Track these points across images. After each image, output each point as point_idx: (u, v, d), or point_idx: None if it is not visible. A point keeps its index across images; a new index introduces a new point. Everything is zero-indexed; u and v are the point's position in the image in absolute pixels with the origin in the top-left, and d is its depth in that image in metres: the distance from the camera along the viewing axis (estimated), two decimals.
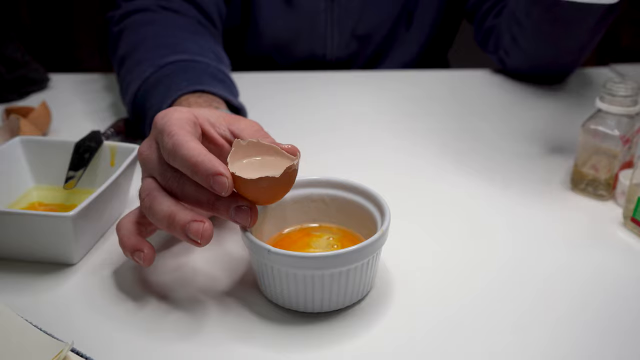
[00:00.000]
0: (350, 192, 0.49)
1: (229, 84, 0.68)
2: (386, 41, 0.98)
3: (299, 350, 0.41)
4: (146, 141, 0.47)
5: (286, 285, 0.43)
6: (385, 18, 0.96)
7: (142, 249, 0.44)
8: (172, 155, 0.42)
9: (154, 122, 0.46)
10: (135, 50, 0.72)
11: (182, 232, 0.41)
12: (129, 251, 0.44)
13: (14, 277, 0.48)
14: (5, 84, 0.82)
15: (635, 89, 0.56)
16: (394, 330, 0.43)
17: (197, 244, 0.41)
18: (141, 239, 0.45)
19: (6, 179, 0.55)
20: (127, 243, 0.45)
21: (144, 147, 0.47)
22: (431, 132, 0.75)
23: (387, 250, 0.48)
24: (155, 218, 0.43)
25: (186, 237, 0.41)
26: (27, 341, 0.40)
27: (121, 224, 0.46)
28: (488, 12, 0.93)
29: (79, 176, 0.54)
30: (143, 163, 0.46)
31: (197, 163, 0.41)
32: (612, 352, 0.41)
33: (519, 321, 0.44)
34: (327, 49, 0.96)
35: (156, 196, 0.43)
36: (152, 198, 0.43)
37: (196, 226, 0.41)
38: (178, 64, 0.67)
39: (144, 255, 0.44)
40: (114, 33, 0.78)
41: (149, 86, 0.66)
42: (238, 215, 0.42)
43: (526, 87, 0.90)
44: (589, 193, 0.60)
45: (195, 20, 0.80)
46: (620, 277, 0.49)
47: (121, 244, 0.45)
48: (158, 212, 0.42)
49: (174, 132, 0.43)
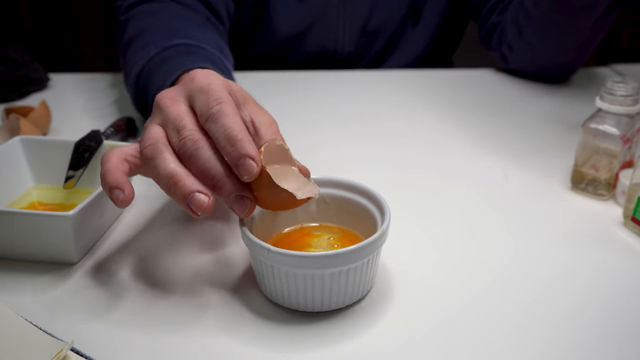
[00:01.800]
0: (351, 191, 0.49)
1: (229, 76, 0.68)
2: (394, 37, 0.99)
3: (299, 349, 0.41)
4: (173, 90, 0.45)
5: (286, 284, 0.43)
6: (395, 14, 0.96)
7: (123, 189, 0.42)
8: (213, 119, 0.41)
9: (191, 77, 0.45)
10: (141, 34, 0.72)
11: (183, 198, 0.40)
12: (108, 187, 0.43)
13: (14, 277, 0.48)
14: (5, 84, 0.82)
15: (635, 88, 0.56)
16: (394, 330, 0.43)
17: (194, 214, 0.40)
18: (125, 178, 0.43)
19: (6, 179, 0.55)
20: (110, 178, 0.43)
21: (169, 94, 0.45)
22: (432, 131, 0.75)
23: (387, 250, 0.48)
24: (156, 173, 0.41)
25: (185, 204, 0.40)
26: (27, 341, 0.40)
27: (108, 157, 0.44)
28: (493, 8, 0.94)
29: (79, 176, 0.54)
30: (161, 109, 0.44)
31: (238, 138, 0.40)
32: (612, 352, 0.41)
33: (519, 321, 0.44)
34: (338, 44, 0.97)
35: (162, 150, 0.42)
36: (157, 150, 0.42)
37: (202, 198, 0.40)
38: (183, 47, 0.66)
39: (123, 196, 0.42)
40: (121, 21, 0.78)
41: (153, 66, 0.65)
42: (237, 202, 0.41)
43: (526, 87, 0.90)
44: (589, 193, 0.60)
45: (203, 16, 0.80)
46: (621, 277, 0.49)
47: (103, 178, 0.43)
48: (161, 168, 0.41)
49: (221, 99, 0.42)
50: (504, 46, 0.92)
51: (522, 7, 0.86)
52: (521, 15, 0.87)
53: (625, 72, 0.96)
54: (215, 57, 0.67)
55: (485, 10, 0.95)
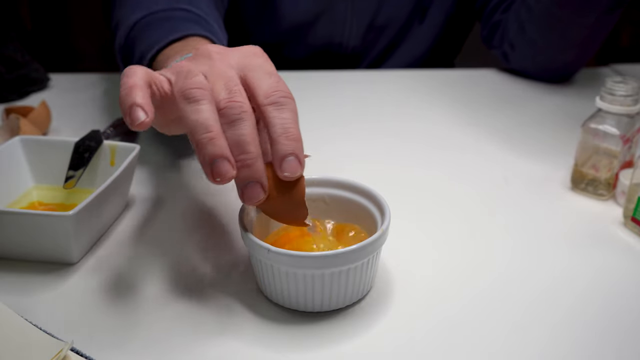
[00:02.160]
0: (350, 191, 0.49)
1: None
2: (400, 34, 0.99)
3: (299, 350, 0.41)
4: (223, 49, 0.43)
5: (286, 284, 0.43)
6: (402, 10, 0.96)
7: (147, 111, 0.38)
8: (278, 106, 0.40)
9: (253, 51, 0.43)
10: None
11: (210, 158, 0.37)
12: (131, 103, 0.38)
13: (14, 277, 0.48)
14: (5, 84, 0.82)
15: (635, 88, 0.56)
16: (394, 330, 0.43)
17: (212, 179, 0.38)
18: (150, 100, 0.39)
19: (6, 179, 0.55)
20: (135, 94, 0.38)
21: (219, 51, 0.42)
22: (432, 131, 0.75)
23: (387, 250, 0.48)
24: (194, 118, 0.38)
25: (208, 166, 0.37)
26: (27, 341, 0.40)
27: (133, 71, 0.40)
28: (496, 7, 0.95)
29: (79, 176, 0.54)
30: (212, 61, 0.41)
31: (299, 138, 0.39)
32: (612, 352, 0.41)
33: (519, 321, 0.44)
34: (344, 37, 0.96)
35: (209, 99, 0.38)
36: (204, 96, 0.38)
37: (227, 167, 0.37)
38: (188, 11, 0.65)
39: (145, 119, 0.38)
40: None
41: (155, 19, 0.63)
42: (252, 189, 0.39)
43: (526, 86, 0.90)
44: (589, 193, 0.60)
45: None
46: (621, 277, 0.49)
47: (126, 92, 0.39)
48: (203, 116, 0.37)
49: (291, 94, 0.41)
50: (505, 44, 0.92)
51: (524, 2, 0.87)
52: (523, 10, 0.87)
53: (625, 72, 0.96)
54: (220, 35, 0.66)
55: (489, 8, 0.96)
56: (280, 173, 0.40)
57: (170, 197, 0.60)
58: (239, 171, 0.39)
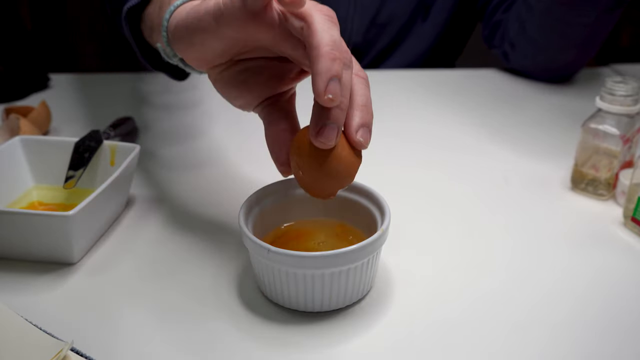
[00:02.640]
0: (350, 191, 0.49)
1: None
2: (403, 31, 0.99)
3: (299, 349, 0.41)
4: None
5: (286, 284, 0.43)
6: (405, 7, 0.96)
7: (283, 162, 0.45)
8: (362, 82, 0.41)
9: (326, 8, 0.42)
10: None
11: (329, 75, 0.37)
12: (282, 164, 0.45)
13: (14, 277, 0.48)
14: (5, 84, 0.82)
15: (635, 88, 0.56)
16: (394, 330, 0.43)
17: (323, 98, 0.37)
18: None
19: (6, 179, 0.55)
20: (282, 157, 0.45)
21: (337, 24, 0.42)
22: (433, 131, 0.75)
23: (387, 250, 0.48)
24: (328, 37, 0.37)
25: (325, 82, 0.36)
26: (27, 341, 0.40)
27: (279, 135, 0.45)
28: (497, 6, 0.95)
29: (79, 175, 0.54)
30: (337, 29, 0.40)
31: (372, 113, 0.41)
32: (612, 352, 0.41)
33: (519, 321, 0.44)
34: (346, 33, 0.96)
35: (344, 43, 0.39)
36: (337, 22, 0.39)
37: (338, 90, 0.37)
38: None
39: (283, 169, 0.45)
40: None
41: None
42: (330, 129, 0.39)
43: (526, 86, 0.90)
44: (589, 193, 0.60)
45: None
46: (621, 277, 0.49)
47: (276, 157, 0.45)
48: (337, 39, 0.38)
49: None
50: (506, 43, 0.92)
51: (525, 1, 0.87)
52: (524, 10, 0.87)
53: (625, 72, 0.96)
54: None
55: (490, 8, 0.96)
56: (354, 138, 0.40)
57: (170, 197, 0.60)
58: (334, 109, 0.39)
